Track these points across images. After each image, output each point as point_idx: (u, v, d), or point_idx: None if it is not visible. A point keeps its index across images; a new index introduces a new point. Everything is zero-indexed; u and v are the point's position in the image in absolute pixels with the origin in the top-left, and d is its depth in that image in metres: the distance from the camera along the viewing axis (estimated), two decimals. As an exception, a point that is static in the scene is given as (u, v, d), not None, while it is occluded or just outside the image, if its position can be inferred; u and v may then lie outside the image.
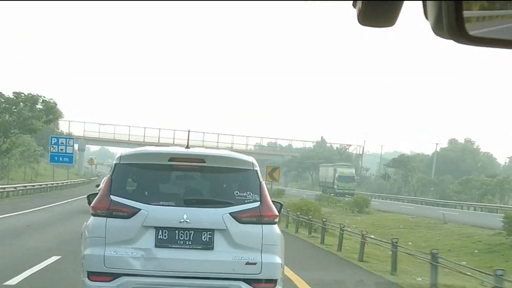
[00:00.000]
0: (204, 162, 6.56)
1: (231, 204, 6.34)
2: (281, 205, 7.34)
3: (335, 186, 68.55)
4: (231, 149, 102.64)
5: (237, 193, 6.40)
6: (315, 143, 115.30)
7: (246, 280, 6.21)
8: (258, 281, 6.24)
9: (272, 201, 7.35)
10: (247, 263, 6.22)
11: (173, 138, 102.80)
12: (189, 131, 7.69)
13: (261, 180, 6.59)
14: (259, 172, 6.65)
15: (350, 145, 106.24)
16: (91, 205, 6.44)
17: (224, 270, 6.20)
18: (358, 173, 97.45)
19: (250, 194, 6.39)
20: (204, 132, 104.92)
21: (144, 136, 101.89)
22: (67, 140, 59.84)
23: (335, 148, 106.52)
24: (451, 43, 1.89)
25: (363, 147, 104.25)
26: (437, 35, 1.88)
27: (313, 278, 11.11)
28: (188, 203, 6.39)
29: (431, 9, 1.84)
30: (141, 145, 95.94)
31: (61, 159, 57.29)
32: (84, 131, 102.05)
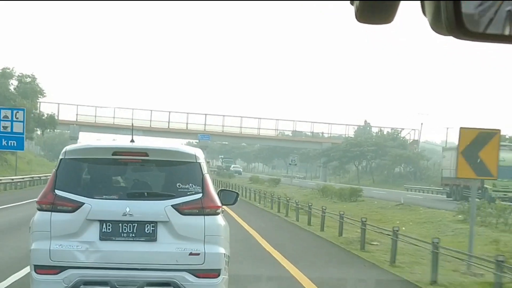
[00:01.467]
0: (147, 156, 8.27)
1: (173, 197, 8.04)
2: (237, 194, 9.25)
3: (486, 186, 48.30)
4: (258, 135, 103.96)
5: (179, 186, 8.10)
6: (356, 127, 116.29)
7: (189, 271, 7.90)
8: (202, 271, 7.93)
9: (228, 190, 9.07)
10: (190, 254, 7.90)
11: (186, 123, 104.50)
12: (132, 124, 9.32)
13: (204, 172, 8.28)
14: (202, 164, 8.33)
15: (403, 129, 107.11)
16: (36, 199, 8.18)
17: (167, 261, 7.89)
18: (421, 165, 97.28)
19: (192, 186, 8.08)
20: (224, 115, 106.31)
21: (151, 120, 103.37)
22: (13, 112, 46.12)
23: (385, 133, 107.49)
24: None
25: (420, 131, 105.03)
26: (435, 31, 2.20)
27: None
28: (131, 196, 8.14)
29: (429, 6, 2.16)
30: (147, 131, 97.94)
31: (4, 142, 45.06)
32: (77, 115, 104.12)
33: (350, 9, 2.31)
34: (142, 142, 9.06)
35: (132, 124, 9.12)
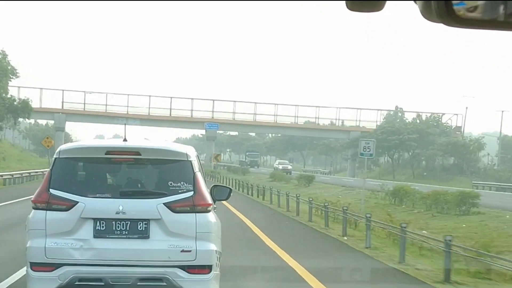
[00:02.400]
0: (140, 155, 10.05)
1: (165, 195, 9.78)
2: (230, 189, 11.18)
3: None
4: (275, 122, 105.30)
5: (171, 184, 9.84)
6: (386, 113, 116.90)
7: (181, 267, 9.62)
8: (194, 267, 9.66)
9: (221, 185, 10.91)
10: (182, 251, 9.63)
11: (191, 110, 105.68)
12: (125, 124, 11.06)
13: (195, 170, 10.02)
14: (194, 162, 10.09)
15: (443, 114, 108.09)
16: (32, 198, 9.95)
17: (160, 258, 9.62)
18: (473, 157, 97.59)
19: (184, 184, 9.83)
20: (235, 101, 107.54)
21: (149, 108, 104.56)
22: None
23: (423, 118, 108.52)
24: None
25: (464, 116, 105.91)
26: (426, 18, 2.52)
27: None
28: (124, 194, 9.88)
29: None
30: (146, 119, 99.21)
31: None
32: (63, 102, 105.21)
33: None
34: (135, 141, 10.79)
35: (125, 125, 10.84)
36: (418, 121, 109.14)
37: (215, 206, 10.53)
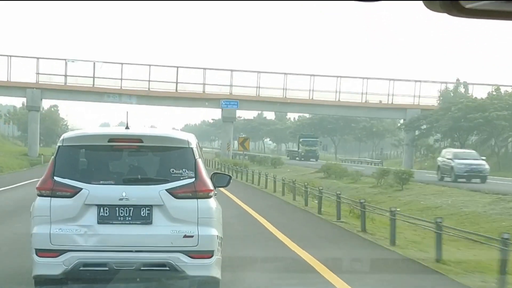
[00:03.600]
0: (142, 142, 13.24)
1: (167, 181, 12.93)
2: (230, 177, 14.57)
3: None
4: (311, 99, 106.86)
5: (173, 170, 13.00)
6: (441, 90, 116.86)
7: (184, 252, 12.68)
8: (196, 252, 12.72)
9: (221, 173, 14.30)
10: (185, 236, 12.73)
11: (203, 84, 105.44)
12: (127, 112, 14.15)
13: (197, 157, 13.24)
14: (195, 149, 13.30)
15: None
16: (36, 186, 13.16)
17: (163, 244, 12.72)
18: None
19: (185, 170, 12.99)
20: (259, 72, 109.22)
21: (149, 81, 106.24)
22: None
23: (502, 93, 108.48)
24: None
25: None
26: (429, 9, 3.14)
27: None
28: (127, 181, 13.03)
29: None
30: (144, 96, 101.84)
31: None
32: (37, 74, 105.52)
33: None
34: (137, 128, 14.01)
35: (127, 113, 13.80)
36: (496, 95, 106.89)
37: (215, 192, 13.64)
